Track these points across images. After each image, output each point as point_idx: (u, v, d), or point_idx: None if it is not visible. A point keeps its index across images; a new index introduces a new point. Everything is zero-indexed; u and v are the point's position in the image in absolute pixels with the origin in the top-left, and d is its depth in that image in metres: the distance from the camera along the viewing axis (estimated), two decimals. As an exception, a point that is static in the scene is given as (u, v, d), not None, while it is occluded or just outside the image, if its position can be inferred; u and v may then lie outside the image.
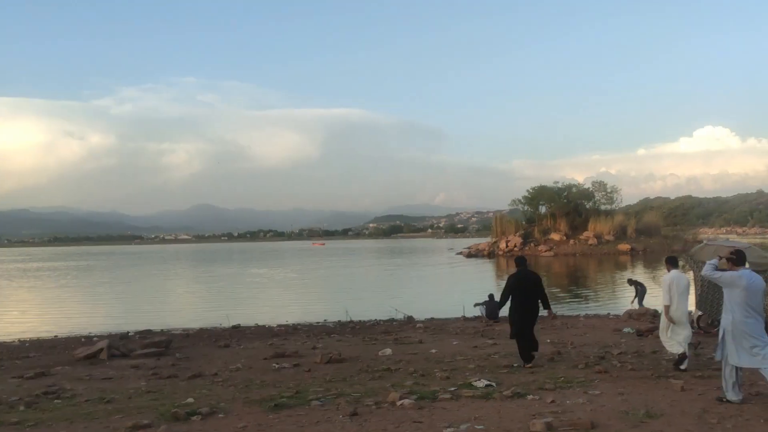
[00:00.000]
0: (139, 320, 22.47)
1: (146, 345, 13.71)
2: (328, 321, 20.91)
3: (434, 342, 13.93)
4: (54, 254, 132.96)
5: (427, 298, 29.32)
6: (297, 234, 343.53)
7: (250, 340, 15.79)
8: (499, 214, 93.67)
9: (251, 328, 19.27)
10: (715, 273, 7.28)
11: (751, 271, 7.20)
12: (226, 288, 38.68)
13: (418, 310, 22.59)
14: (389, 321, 20.26)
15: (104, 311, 27.38)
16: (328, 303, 27.65)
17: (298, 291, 36.32)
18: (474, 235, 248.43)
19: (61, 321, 23.63)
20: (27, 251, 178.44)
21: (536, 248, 73.10)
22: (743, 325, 7.02)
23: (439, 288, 35.92)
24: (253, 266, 64.97)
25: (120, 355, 12.80)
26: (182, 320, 22.36)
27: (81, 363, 12.29)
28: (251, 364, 11.44)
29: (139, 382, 9.77)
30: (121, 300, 32.74)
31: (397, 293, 31.68)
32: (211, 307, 27.54)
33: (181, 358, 12.57)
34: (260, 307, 27.48)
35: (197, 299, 32.68)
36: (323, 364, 11.04)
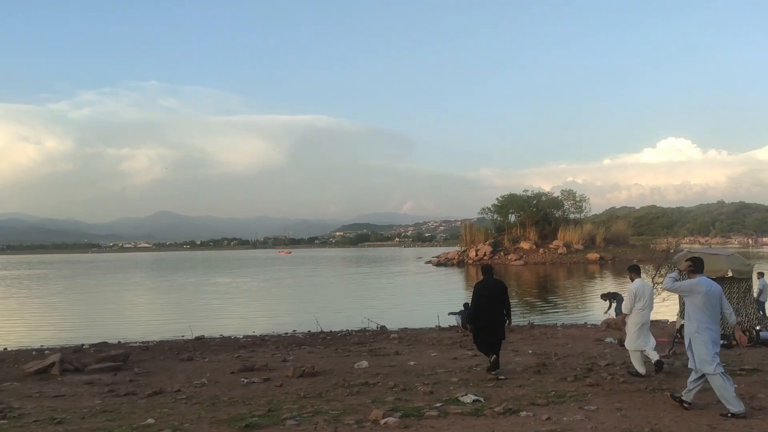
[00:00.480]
0: (95, 332, 21.30)
1: (102, 359, 12.76)
2: (297, 332, 20.16)
3: (411, 353, 13.33)
4: (7, 263, 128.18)
5: (399, 308, 28.75)
6: (262, 242, 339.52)
7: (215, 353, 14.94)
8: (468, 222, 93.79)
9: (216, 339, 18.39)
10: (674, 284, 7.41)
11: (709, 279, 7.30)
12: (188, 298, 37.43)
13: (390, 319, 22.04)
14: (362, 331, 19.61)
15: (57, 323, 26.02)
16: (296, 313, 26.82)
17: (264, 301, 35.34)
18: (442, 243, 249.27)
19: (11, 333, 22.31)
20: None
21: (506, 257, 73.31)
22: (706, 332, 7.01)
23: (411, 297, 35.37)
24: (217, 275, 63.47)
25: (73, 370, 11.84)
26: (141, 332, 21.27)
27: (31, 378, 11.31)
28: (217, 378, 10.65)
29: (94, 400, 8.91)
30: (76, 311, 31.28)
31: (368, 303, 31.02)
32: (172, 319, 26.42)
33: (139, 372, 11.69)
34: (225, 317, 26.51)
35: (157, 310, 31.43)
36: (296, 378, 10.33)
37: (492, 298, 9.84)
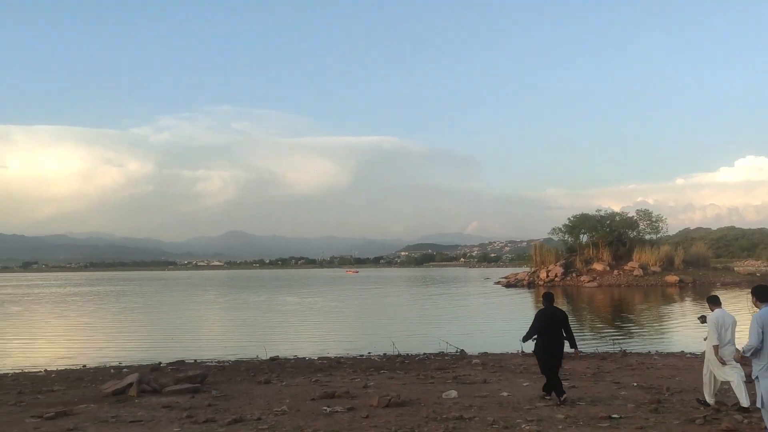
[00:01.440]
0: (171, 350, 21.29)
1: (179, 380, 12.38)
2: (372, 354, 19.45)
3: (501, 382, 12.31)
4: (89, 279, 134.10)
5: (474, 330, 27.60)
6: (328, 262, 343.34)
7: (292, 376, 14.36)
8: (538, 242, 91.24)
9: (291, 360, 17.88)
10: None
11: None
12: (259, 316, 37.41)
13: (467, 343, 20.99)
14: (440, 355, 18.71)
15: (135, 339, 26.29)
16: (369, 334, 26.14)
17: (336, 321, 34.87)
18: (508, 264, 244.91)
19: (91, 349, 22.57)
20: (64, 276, 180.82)
21: (578, 278, 70.69)
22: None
23: (485, 319, 34.05)
24: (286, 294, 63.83)
25: (151, 391, 11.47)
26: (216, 350, 21.10)
27: (108, 400, 11.00)
28: (298, 405, 9.99)
29: (172, 428, 8.39)
30: (153, 327, 31.70)
31: (441, 324, 30.01)
32: (245, 337, 26.24)
33: (217, 396, 11.19)
34: (298, 337, 26.12)
35: (230, 328, 31.46)
36: (381, 408, 9.54)
37: (554, 326, 10.02)
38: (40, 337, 27.17)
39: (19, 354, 21.41)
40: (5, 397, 11.81)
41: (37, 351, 22.26)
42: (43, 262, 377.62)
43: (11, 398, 11.59)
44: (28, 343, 25.22)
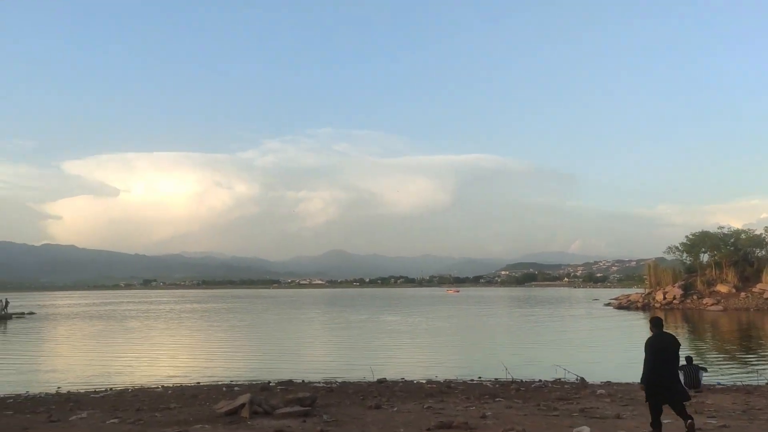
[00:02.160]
0: (279, 368, 21.41)
1: (289, 401, 12.07)
2: (483, 378, 18.52)
3: (637, 418, 11.05)
4: (202, 297, 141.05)
5: (592, 357, 25.89)
6: (427, 281, 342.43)
7: (402, 400, 13.74)
8: (652, 262, 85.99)
9: (399, 383, 17.31)
10: None
11: None
12: (363, 336, 37.28)
13: (585, 370, 19.56)
14: (557, 383, 17.50)
15: (245, 357, 26.77)
16: (477, 357, 25.17)
17: (441, 341, 34.04)
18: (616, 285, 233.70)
19: (204, 366, 23.12)
20: (180, 293, 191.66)
21: (700, 301, 65.73)
22: None
23: (601, 345, 31.98)
24: (388, 313, 63.67)
25: (262, 413, 11.22)
26: (322, 370, 20.97)
27: (221, 420, 10.85)
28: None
29: (286, 456, 7.98)
30: (261, 345, 32.30)
31: (553, 348, 28.50)
32: (350, 357, 26.04)
33: (329, 421, 10.75)
34: (402, 358, 25.57)
35: (335, 347, 31.44)
36: (506, 443, 8.69)
37: (667, 355, 9.12)
38: (158, 353, 28.33)
39: (139, 369, 22.28)
40: (125, 414, 12.00)
41: (156, 366, 23.10)
42: (161, 280, 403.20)
43: (130, 415, 11.75)
44: (147, 358, 26.31)
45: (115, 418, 11.28)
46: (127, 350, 29.49)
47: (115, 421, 10.95)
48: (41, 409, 13.02)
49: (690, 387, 14.82)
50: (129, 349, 29.81)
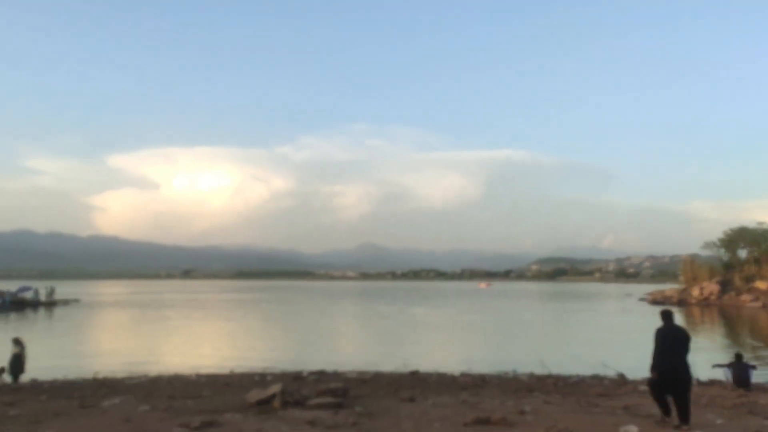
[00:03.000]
0: (312, 358, 21.31)
1: (322, 392, 11.84)
2: (518, 372, 18.06)
3: (684, 417, 10.50)
4: (239, 287, 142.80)
5: (628, 352, 25.16)
6: (458, 274, 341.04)
7: (437, 393, 13.40)
8: (688, 258, 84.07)
9: (433, 376, 16.98)
10: None
11: None
12: (397, 328, 37.02)
13: (623, 365, 18.91)
14: (596, 378, 16.96)
15: (278, 346, 26.77)
16: (511, 350, 24.66)
17: (474, 334, 33.61)
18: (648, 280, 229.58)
19: (238, 354, 23.18)
20: (218, 284, 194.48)
21: (738, 297, 64.04)
22: None
23: (638, 340, 31.13)
24: (421, 306, 63.35)
25: (293, 403, 11.01)
26: (355, 361, 20.76)
27: (252, 410, 10.67)
28: (450, 431, 8.98)
29: (318, 448, 7.72)
30: (294, 335, 32.31)
31: (589, 343, 27.84)
32: (383, 348, 25.82)
33: (361, 413, 10.47)
34: (435, 350, 25.24)
35: (368, 338, 31.27)
36: (548, 440, 8.29)
37: (676, 344, 9.29)
38: (195, 341, 28.56)
39: (175, 357, 22.43)
40: (157, 401, 11.92)
41: (191, 354, 23.25)
42: (200, 271, 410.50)
43: (163, 402, 11.67)
44: (184, 346, 26.52)
45: (147, 405, 11.19)
46: (165, 338, 29.82)
47: (147, 408, 10.86)
48: (75, 394, 13.05)
49: (740, 385, 14.19)
50: (167, 337, 30.14)
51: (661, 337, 9.40)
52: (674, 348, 9.24)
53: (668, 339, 9.33)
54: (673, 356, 9.21)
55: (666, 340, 9.33)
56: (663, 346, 9.30)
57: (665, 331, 9.44)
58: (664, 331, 9.42)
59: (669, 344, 9.29)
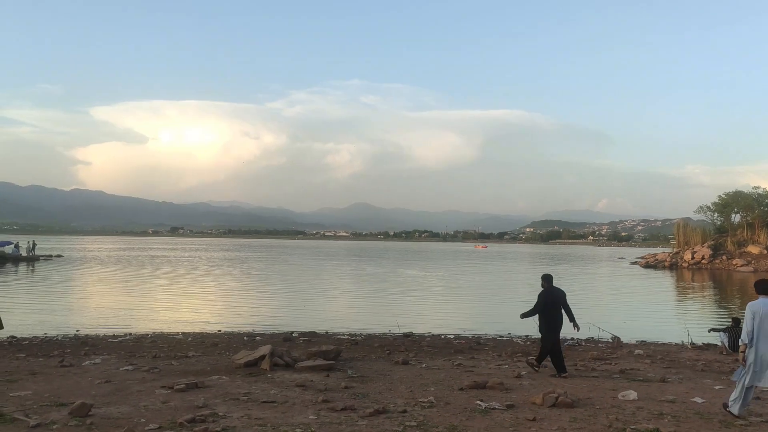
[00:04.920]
0: (302, 319, 20.97)
1: (312, 354, 11.47)
2: (513, 335, 17.80)
3: (684, 383, 10.22)
4: (228, 245, 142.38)
5: (621, 315, 25.01)
6: (452, 236, 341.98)
7: (431, 356, 13.10)
8: (681, 221, 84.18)
9: (426, 338, 16.69)
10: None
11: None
12: (389, 288, 36.79)
13: (618, 329, 18.66)
14: (591, 341, 16.74)
15: (267, 306, 26.42)
16: (505, 313, 24.40)
17: (468, 296, 33.42)
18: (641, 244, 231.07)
19: (226, 314, 22.80)
20: (206, 241, 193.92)
21: (729, 261, 64.39)
22: None
23: (629, 303, 31.08)
24: (414, 267, 63.24)
25: (283, 365, 10.64)
26: (346, 322, 20.45)
27: (240, 372, 10.30)
28: (446, 396, 8.62)
29: (308, 414, 7.33)
30: (284, 295, 31.99)
31: (582, 306, 27.59)
32: (375, 309, 25.53)
33: (354, 376, 10.12)
34: (429, 312, 24.95)
35: (359, 299, 30.98)
36: (547, 408, 7.93)
37: (555, 305, 10.94)
38: (182, 299, 28.14)
39: (161, 315, 22.01)
40: (141, 361, 11.53)
41: (178, 313, 22.81)
42: (188, 228, 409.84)
43: (146, 362, 11.28)
44: (170, 304, 26.10)
45: (129, 365, 10.80)
46: (150, 295, 29.40)
47: (129, 368, 10.46)
48: (55, 352, 12.63)
49: (736, 350, 13.93)
50: (153, 295, 29.72)
51: (543, 297, 10.98)
52: (555, 307, 10.93)
53: (550, 300, 10.95)
54: (555, 315, 10.92)
55: (547, 300, 10.94)
56: (545, 306, 10.90)
57: (546, 292, 11.05)
58: (545, 293, 11.04)
59: (550, 304, 10.93)
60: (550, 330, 10.89)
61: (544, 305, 10.89)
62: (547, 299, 10.91)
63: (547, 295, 10.96)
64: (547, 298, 10.92)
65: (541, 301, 10.94)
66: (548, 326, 10.89)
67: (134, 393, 8.43)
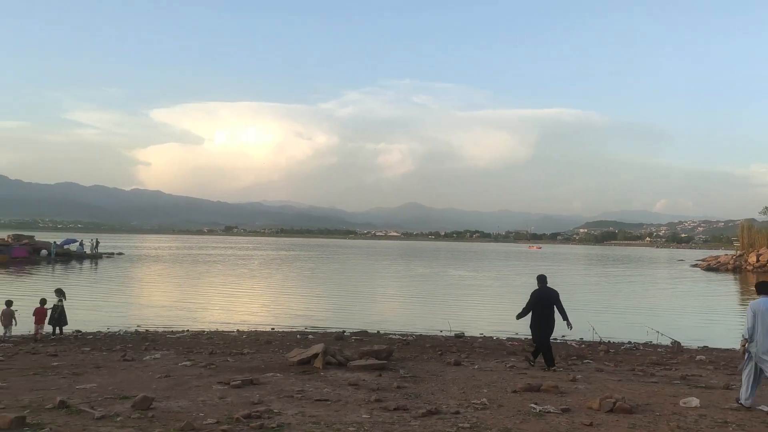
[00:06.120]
0: (354, 318, 21.12)
1: (364, 353, 11.52)
2: (566, 338, 17.44)
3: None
4: (281, 244, 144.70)
5: (681, 319, 24.23)
6: (503, 236, 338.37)
7: (484, 358, 12.97)
8: (746, 222, 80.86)
9: (478, 339, 16.56)
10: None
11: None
12: (440, 289, 36.66)
13: (678, 333, 18.08)
14: (649, 346, 16.26)
15: (320, 305, 26.71)
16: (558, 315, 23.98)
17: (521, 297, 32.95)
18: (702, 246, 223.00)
19: (280, 312, 23.17)
20: (260, 240, 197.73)
21: (798, 265, 61.27)
22: None
23: (691, 307, 30.01)
24: (466, 267, 62.82)
25: (336, 364, 10.73)
26: (397, 322, 20.49)
27: (293, 370, 10.44)
28: (499, 398, 8.52)
29: (360, 413, 7.37)
30: (336, 294, 32.26)
31: (639, 309, 26.91)
32: (426, 309, 25.52)
33: (406, 376, 10.11)
34: (480, 313, 24.75)
35: (410, 299, 30.99)
36: (605, 413, 7.73)
37: (547, 305, 11.52)
38: (237, 297, 28.76)
39: (217, 312, 22.55)
40: (198, 357, 11.84)
41: (233, 310, 23.33)
42: (242, 227, 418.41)
43: (203, 358, 11.57)
44: (226, 301, 26.71)
45: (187, 361, 11.10)
46: (207, 293, 30.15)
47: (188, 364, 10.76)
48: (118, 347, 13.12)
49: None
50: (209, 292, 30.47)
51: (535, 297, 11.62)
52: (547, 306, 11.50)
53: (542, 298, 11.57)
54: (546, 313, 11.45)
55: (539, 299, 11.56)
56: (537, 305, 11.51)
57: (539, 292, 11.68)
58: (538, 293, 11.67)
59: (542, 303, 11.51)
60: (540, 327, 11.45)
61: (535, 305, 11.50)
62: (539, 298, 11.56)
63: (539, 294, 11.61)
64: (539, 298, 11.57)
65: (533, 300, 11.58)
66: (539, 324, 11.45)
67: (192, 388, 8.66)
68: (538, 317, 11.50)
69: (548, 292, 11.69)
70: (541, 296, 11.62)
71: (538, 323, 11.50)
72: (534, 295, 11.69)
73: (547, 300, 11.55)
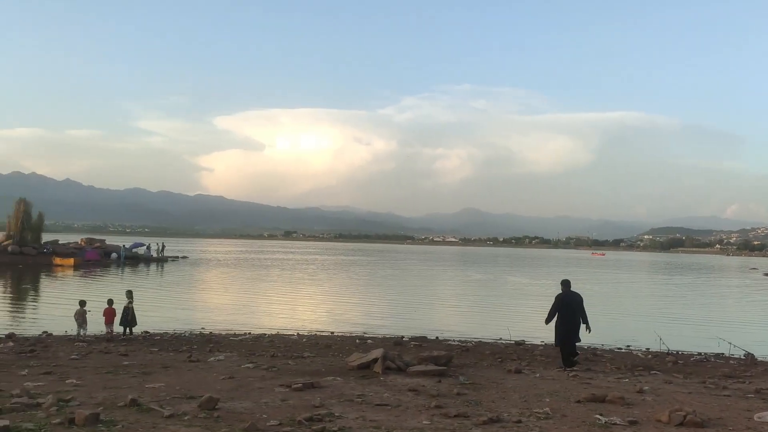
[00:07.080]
0: (412, 323, 21.13)
1: (424, 359, 11.49)
2: (632, 347, 16.93)
3: (835, 408, 9.23)
4: (340, 249, 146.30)
5: (755, 331, 23.12)
6: (563, 242, 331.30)
7: (545, 366, 12.71)
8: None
9: (539, 347, 16.24)
10: None
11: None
12: (497, 294, 36.22)
13: (751, 345, 17.27)
14: (720, 357, 15.57)
15: (378, 309, 26.83)
16: (622, 323, 23.29)
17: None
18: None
19: (339, 316, 23.38)
20: (319, 245, 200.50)
21: None
22: None
23: (764, 318, 28.62)
24: (526, 274, 61.83)
25: (395, 369, 10.74)
26: (456, 328, 20.37)
27: (353, 374, 10.51)
28: (562, 408, 8.32)
29: (421, 419, 7.35)
30: (394, 298, 32.32)
31: (708, 319, 25.84)
32: (484, 315, 25.31)
33: (466, 383, 10.02)
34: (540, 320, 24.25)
35: (469, 304, 30.78)
36: (674, 426, 7.44)
37: (571, 308, 12.00)
38: (297, 300, 29.26)
39: (278, 315, 22.98)
40: (260, 359, 12.09)
41: (294, 313, 23.75)
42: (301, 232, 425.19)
43: (265, 361, 11.80)
44: (287, 305, 27.21)
45: (250, 363, 11.35)
46: (268, 296, 30.78)
47: (250, 366, 10.99)
48: (184, 348, 13.54)
49: None
50: (270, 295, 31.09)
51: (559, 301, 12.03)
52: (570, 310, 11.93)
53: (565, 302, 11.98)
54: (570, 317, 11.91)
55: (563, 304, 11.97)
56: (561, 310, 11.95)
57: (563, 296, 12.09)
58: (562, 297, 12.07)
59: (566, 307, 11.93)
60: (563, 330, 11.91)
61: (560, 308, 11.99)
62: (563, 302, 12.02)
63: (563, 298, 12.08)
64: (562, 301, 12.04)
65: (557, 304, 12.06)
66: (563, 326, 11.92)
67: (255, 390, 8.84)
68: (562, 320, 11.93)
69: (572, 296, 12.14)
70: (565, 300, 12.04)
71: (562, 326, 11.94)
72: (558, 299, 12.11)
73: (570, 304, 11.98)
